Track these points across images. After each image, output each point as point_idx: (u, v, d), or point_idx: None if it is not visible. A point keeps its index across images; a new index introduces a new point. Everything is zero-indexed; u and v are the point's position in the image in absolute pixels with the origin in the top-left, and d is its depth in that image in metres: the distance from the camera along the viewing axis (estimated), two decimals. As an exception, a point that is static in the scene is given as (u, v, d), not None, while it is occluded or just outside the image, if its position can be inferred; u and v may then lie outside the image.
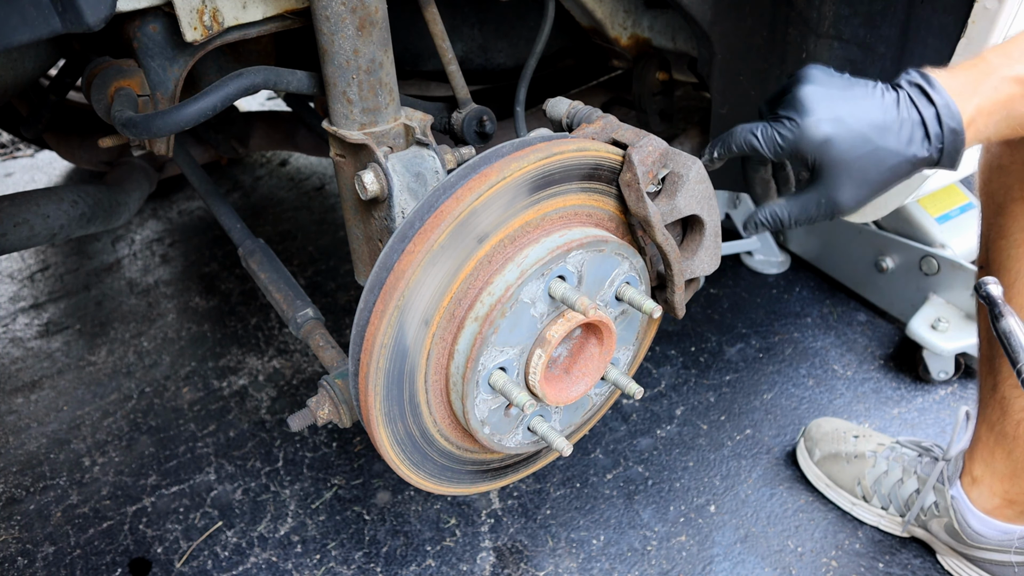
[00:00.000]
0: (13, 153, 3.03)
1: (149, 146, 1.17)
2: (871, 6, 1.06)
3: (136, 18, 0.90)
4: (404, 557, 1.38)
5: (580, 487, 1.50)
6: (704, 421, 1.63)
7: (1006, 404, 1.15)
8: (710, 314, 1.93)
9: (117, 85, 1.01)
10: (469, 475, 1.09)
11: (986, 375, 1.19)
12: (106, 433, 1.69)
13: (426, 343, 0.89)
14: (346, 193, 0.99)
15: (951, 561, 1.30)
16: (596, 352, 0.99)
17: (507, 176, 0.84)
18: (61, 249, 2.42)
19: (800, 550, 1.37)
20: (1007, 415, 1.15)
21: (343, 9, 0.81)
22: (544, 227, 0.92)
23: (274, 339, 1.94)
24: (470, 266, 0.86)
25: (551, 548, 1.39)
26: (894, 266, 1.78)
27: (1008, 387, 1.14)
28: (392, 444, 0.94)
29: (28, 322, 2.09)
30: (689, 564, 1.35)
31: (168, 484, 1.55)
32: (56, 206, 1.27)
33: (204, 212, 2.54)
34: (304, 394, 1.76)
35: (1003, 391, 1.15)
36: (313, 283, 2.15)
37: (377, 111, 0.89)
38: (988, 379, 1.18)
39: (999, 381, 1.15)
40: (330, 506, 1.49)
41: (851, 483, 1.39)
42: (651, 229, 0.96)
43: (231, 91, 0.88)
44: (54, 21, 0.71)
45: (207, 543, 1.43)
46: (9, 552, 1.43)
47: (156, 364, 1.88)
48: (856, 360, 1.77)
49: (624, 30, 1.36)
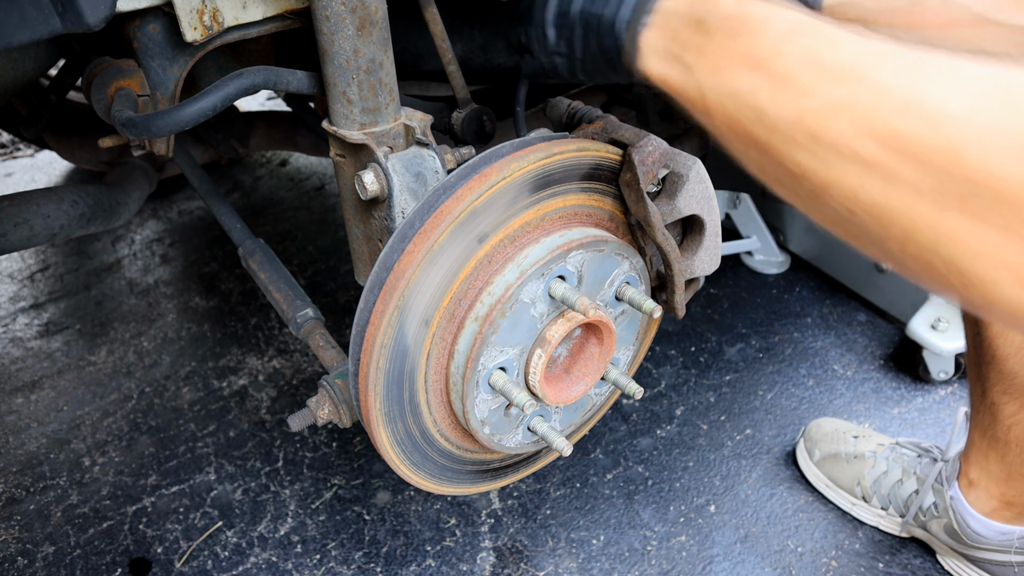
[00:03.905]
0: (13, 153, 3.03)
1: (149, 146, 1.17)
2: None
3: (136, 18, 0.89)
4: (404, 557, 1.38)
5: (580, 487, 1.50)
6: (704, 421, 1.63)
7: (995, 410, 1.15)
8: (710, 314, 1.93)
9: (117, 85, 1.01)
10: (469, 475, 1.09)
11: (975, 381, 1.19)
12: (106, 433, 1.69)
13: (426, 343, 0.89)
14: (346, 193, 0.99)
15: (951, 561, 1.30)
16: (596, 352, 0.99)
17: (507, 176, 0.84)
18: (61, 249, 2.42)
19: (800, 550, 1.37)
20: (997, 420, 1.16)
21: (343, 9, 0.81)
22: (544, 227, 0.92)
23: (274, 339, 1.94)
24: (470, 266, 0.86)
25: (551, 548, 1.39)
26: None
27: (996, 393, 1.14)
28: (392, 444, 0.94)
29: (28, 322, 2.08)
30: (689, 564, 1.35)
31: (168, 484, 1.55)
32: (56, 206, 1.27)
33: (204, 212, 2.54)
34: (304, 394, 1.76)
35: (992, 397, 1.15)
36: (313, 283, 2.15)
37: (377, 111, 0.89)
38: (977, 385, 1.18)
39: (987, 387, 1.15)
40: (330, 506, 1.49)
41: (851, 483, 1.39)
42: (651, 229, 0.96)
43: (231, 91, 0.88)
44: (54, 21, 0.71)
45: (207, 543, 1.43)
46: (9, 552, 1.43)
47: (156, 364, 1.88)
48: (856, 360, 1.77)
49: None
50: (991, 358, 1.12)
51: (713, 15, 0.62)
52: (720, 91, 0.61)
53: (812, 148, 0.53)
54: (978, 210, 0.45)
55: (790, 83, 0.55)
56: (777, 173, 0.58)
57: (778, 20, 0.58)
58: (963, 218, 0.45)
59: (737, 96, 0.59)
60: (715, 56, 0.61)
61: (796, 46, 0.56)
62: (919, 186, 0.47)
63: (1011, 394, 1.12)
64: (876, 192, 0.50)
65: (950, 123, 0.45)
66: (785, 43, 0.56)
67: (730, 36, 0.60)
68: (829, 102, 0.52)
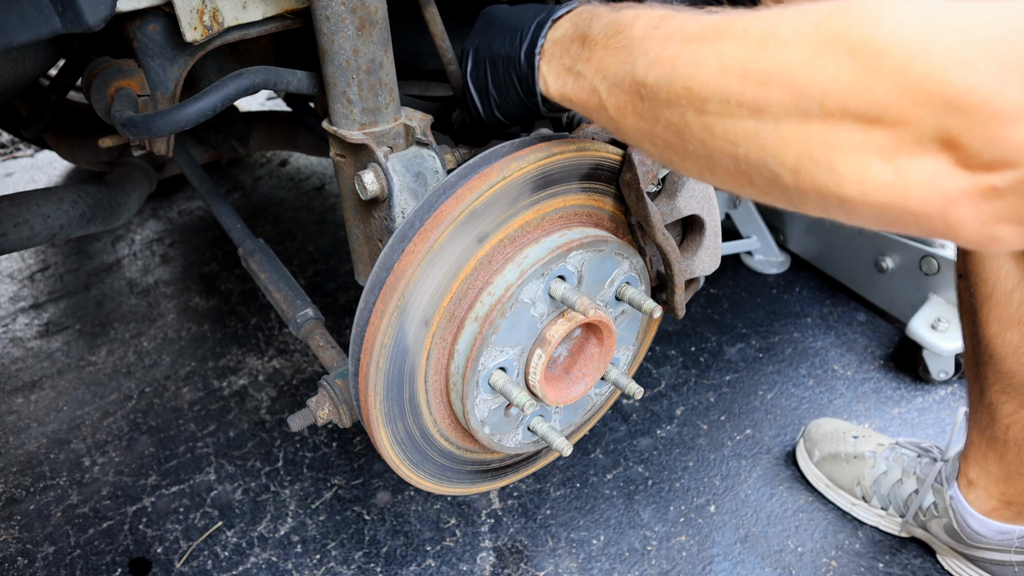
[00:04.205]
0: (13, 153, 3.03)
1: (149, 146, 1.17)
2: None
3: (136, 18, 0.90)
4: (404, 557, 1.38)
5: (580, 487, 1.50)
6: (704, 421, 1.63)
7: (994, 410, 1.15)
8: (710, 314, 1.93)
9: (117, 85, 1.01)
10: (469, 475, 1.10)
11: (973, 381, 1.19)
12: (106, 433, 1.69)
13: (426, 343, 0.89)
14: (346, 193, 0.99)
15: (951, 561, 1.30)
16: (596, 352, 0.99)
17: (507, 176, 0.84)
18: (61, 249, 2.42)
19: (800, 550, 1.37)
20: (995, 420, 1.16)
21: (343, 9, 0.81)
22: (544, 227, 0.92)
23: (274, 339, 1.94)
24: (470, 266, 0.86)
25: (551, 548, 1.39)
26: (894, 266, 1.78)
27: (994, 393, 1.14)
28: (392, 444, 0.94)
29: (28, 322, 2.08)
30: (689, 564, 1.35)
31: (168, 484, 1.55)
32: (56, 206, 1.27)
33: (204, 212, 2.54)
34: (304, 394, 1.76)
35: (990, 397, 1.15)
36: (313, 283, 2.15)
37: (377, 111, 0.89)
38: (975, 385, 1.18)
39: (985, 387, 1.15)
40: (330, 506, 1.49)
41: (851, 483, 1.39)
42: (651, 229, 0.96)
43: (231, 91, 0.88)
44: (54, 21, 0.71)
45: (207, 543, 1.43)
46: (9, 552, 1.43)
47: (156, 364, 1.88)
48: (856, 360, 1.77)
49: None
50: (988, 357, 1.12)
51: (593, 28, 0.72)
52: (608, 82, 0.68)
53: (689, 102, 0.60)
54: (824, 115, 0.52)
55: (664, 53, 0.62)
56: (666, 136, 0.64)
57: (646, 15, 0.67)
58: (821, 125, 0.52)
59: (621, 80, 0.67)
60: (600, 57, 0.70)
61: (665, 27, 0.64)
62: (779, 108, 0.54)
63: (1009, 393, 1.12)
64: (750, 125, 0.56)
65: (786, 49, 0.53)
66: (655, 29, 0.64)
67: (609, 37, 0.69)
68: (699, 58, 0.59)
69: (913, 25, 0.47)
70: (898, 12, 0.49)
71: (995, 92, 0.44)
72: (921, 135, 0.47)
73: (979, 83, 0.44)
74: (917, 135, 0.48)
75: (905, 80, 0.47)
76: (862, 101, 0.49)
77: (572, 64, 0.74)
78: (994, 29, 0.45)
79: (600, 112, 0.72)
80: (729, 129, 0.58)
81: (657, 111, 0.64)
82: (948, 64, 0.45)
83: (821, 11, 0.53)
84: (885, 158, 0.49)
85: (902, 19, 0.48)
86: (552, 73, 0.77)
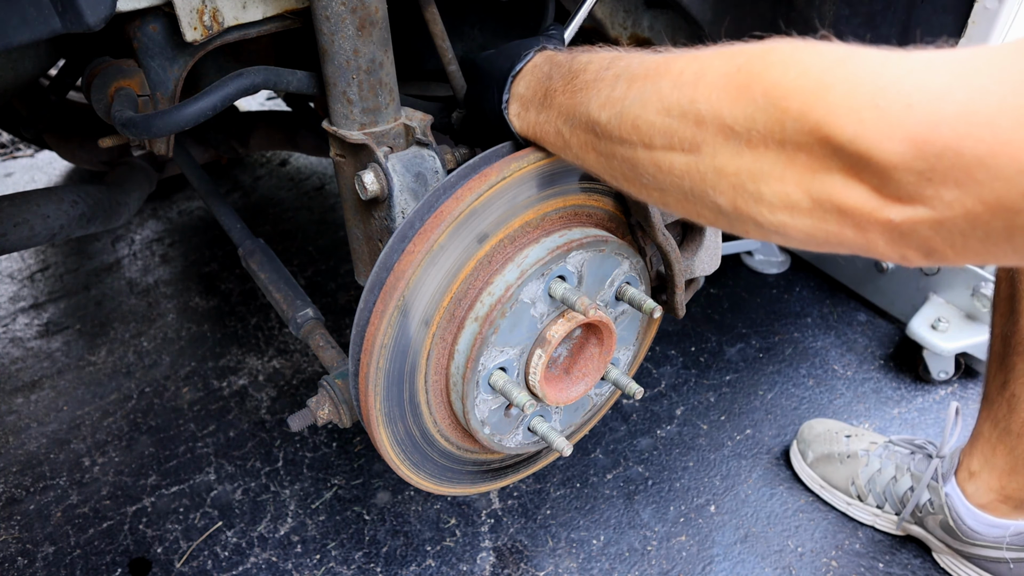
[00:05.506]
0: (13, 153, 3.03)
1: (149, 146, 1.17)
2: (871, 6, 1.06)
3: (136, 18, 0.89)
4: (404, 557, 1.38)
5: (580, 487, 1.50)
6: (704, 421, 1.63)
7: (1015, 402, 1.16)
8: (710, 314, 1.93)
9: (117, 85, 1.01)
10: (469, 475, 1.10)
11: (996, 371, 1.20)
12: (106, 433, 1.69)
13: (426, 343, 0.89)
14: (346, 193, 0.99)
15: (947, 559, 1.30)
16: (596, 352, 0.99)
17: (507, 176, 0.84)
18: (61, 249, 2.42)
19: (800, 550, 1.37)
20: (1014, 412, 1.16)
21: (343, 9, 0.81)
22: (544, 227, 0.92)
23: (274, 339, 1.94)
24: (470, 266, 0.86)
25: (551, 548, 1.39)
26: (894, 266, 1.78)
27: (1019, 385, 1.15)
28: (392, 444, 0.94)
29: (28, 322, 2.08)
30: (689, 564, 1.35)
31: (168, 484, 1.55)
32: (56, 206, 1.27)
33: (204, 212, 2.54)
34: (304, 394, 1.76)
35: (1013, 388, 1.16)
36: (313, 283, 2.15)
37: (377, 111, 0.89)
38: (998, 375, 1.19)
39: (1010, 379, 1.16)
40: (330, 506, 1.49)
41: (845, 483, 1.40)
42: (651, 229, 0.96)
43: (231, 91, 0.88)
44: (54, 21, 0.71)
45: (207, 543, 1.43)
46: (9, 552, 1.43)
47: (156, 364, 1.88)
48: (856, 360, 1.77)
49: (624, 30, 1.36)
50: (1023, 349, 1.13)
51: (553, 76, 0.78)
52: (570, 123, 0.75)
53: (639, 139, 0.65)
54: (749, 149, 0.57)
55: (613, 93, 0.68)
56: (623, 170, 0.69)
57: (598, 58, 0.74)
58: (748, 159, 0.57)
59: (580, 120, 0.73)
60: (560, 101, 0.76)
61: (614, 68, 0.70)
62: (712, 144, 0.59)
63: None
64: (691, 160, 0.61)
65: (715, 91, 0.58)
66: (605, 70, 0.71)
67: (567, 81, 0.76)
68: (643, 97, 0.64)
69: (813, 72, 0.52)
70: (805, 59, 0.53)
71: (876, 144, 0.48)
72: (829, 168, 0.52)
73: (861, 134, 0.48)
74: (826, 168, 0.52)
75: (807, 123, 0.52)
76: (778, 138, 0.54)
77: (539, 109, 0.81)
78: (879, 81, 0.49)
79: (567, 151, 0.78)
80: (676, 164, 0.62)
81: (612, 148, 0.69)
82: (840, 112, 0.50)
83: (744, 54, 0.57)
84: (803, 188, 0.54)
85: (807, 67, 0.53)
86: (520, 120, 0.84)
